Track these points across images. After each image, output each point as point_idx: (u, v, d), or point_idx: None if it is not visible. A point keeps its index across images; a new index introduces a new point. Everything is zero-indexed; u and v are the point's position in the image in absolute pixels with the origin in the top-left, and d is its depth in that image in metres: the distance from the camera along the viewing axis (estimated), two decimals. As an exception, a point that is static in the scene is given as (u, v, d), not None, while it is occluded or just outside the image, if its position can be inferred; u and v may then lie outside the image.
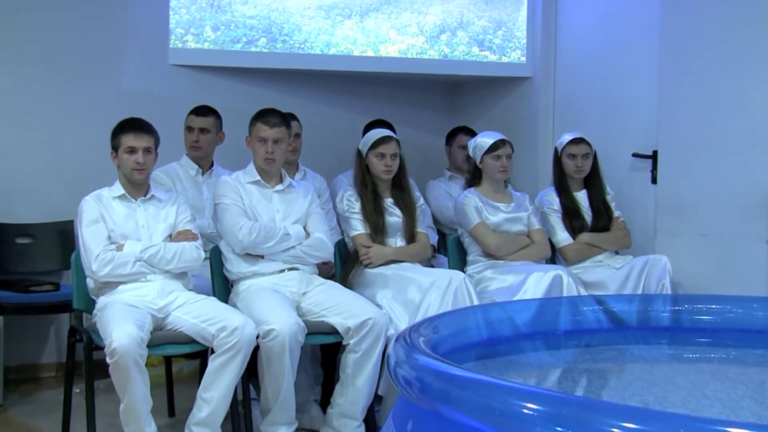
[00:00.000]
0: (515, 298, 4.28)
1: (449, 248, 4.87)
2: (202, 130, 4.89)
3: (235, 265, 4.26)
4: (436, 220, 5.48)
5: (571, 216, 4.91)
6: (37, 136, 5.30)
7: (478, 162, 4.78)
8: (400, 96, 6.24)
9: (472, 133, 5.43)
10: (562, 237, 4.89)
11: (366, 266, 4.52)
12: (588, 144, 4.91)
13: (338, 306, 4.15)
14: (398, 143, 4.60)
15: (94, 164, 5.10)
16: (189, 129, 4.91)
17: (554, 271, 4.35)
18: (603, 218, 4.95)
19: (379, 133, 4.63)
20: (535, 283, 4.32)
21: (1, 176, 5.22)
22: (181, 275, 4.11)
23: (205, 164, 4.96)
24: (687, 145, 4.83)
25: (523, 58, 6.00)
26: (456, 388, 2.63)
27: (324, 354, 4.68)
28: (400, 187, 4.65)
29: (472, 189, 4.79)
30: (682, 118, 4.84)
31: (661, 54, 4.96)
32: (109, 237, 4.01)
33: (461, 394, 2.60)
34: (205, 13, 5.53)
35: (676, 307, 4.02)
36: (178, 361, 5.05)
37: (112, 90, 5.41)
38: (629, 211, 5.09)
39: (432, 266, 4.86)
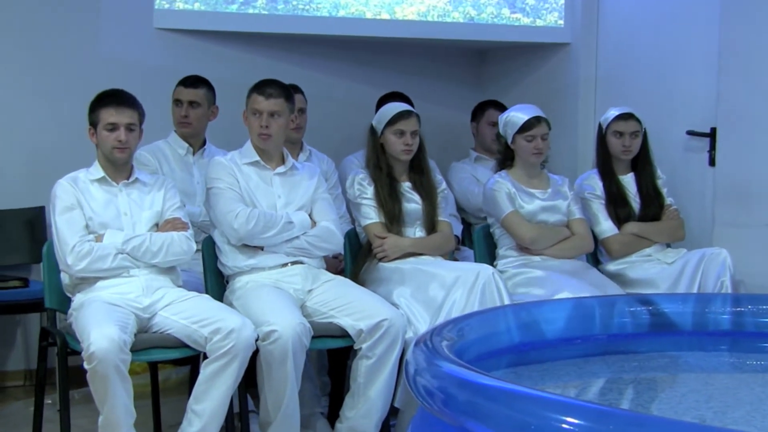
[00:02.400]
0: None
1: (475, 239, 4.87)
2: (192, 104, 4.90)
3: (230, 259, 4.27)
4: (460, 208, 5.48)
5: (616, 203, 4.90)
6: (3, 113, 5.30)
7: (509, 141, 4.77)
8: (418, 65, 6.23)
9: (502, 108, 5.41)
10: (606, 227, 4.88)
11: (380, 260, 4.52)
12: (637, 120, 4.89)
13: (349, 305, 4.15)
14: (419, 119, 4.60)
15: (68, 143, 5.12)
16: (177, 102, 4.92)
17: (584, 296, 4.30)
18: (653, 206, 4.93)
19: (397, 107, 4.63)
20: None
21: (-39, 157, 5.25)
22: (168, 270, 4.12)
23: (195, 143, 4.96)
24: (751, 121, 4.81)
25: (561, 22, 5.97)
26: (485, 400, 2.64)
27: (332, 360, 4.69)
28: (419, 169, 4.65)
29: (503, 173, 4.78)
30: (745, 90, 4.82)
31: (723, 14, 4.93)
32: (87, 226, 4.02)
33: (491, 406, 2.62)
34: (195, -31, 5.54)
35: (738, 309, 4.03)
36: (164, 368, 5.08)
37: (89, 59, 5.41)
38: (683, 198, 5.08)
39: (456, 260, 4.87)
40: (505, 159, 4.84)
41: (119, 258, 3.99)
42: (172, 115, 4.94)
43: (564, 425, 2.42)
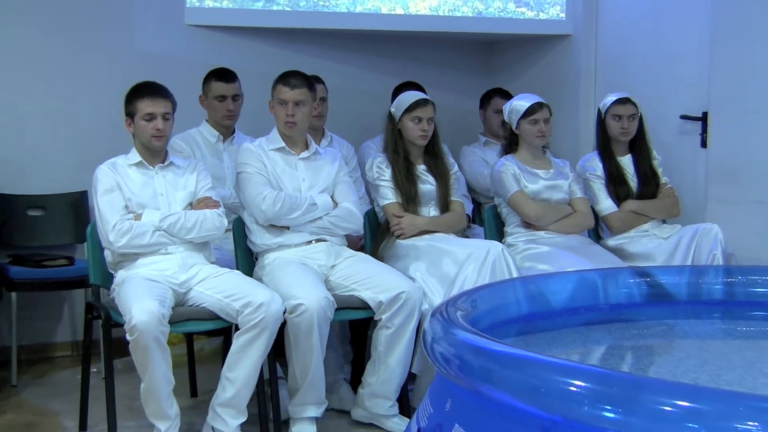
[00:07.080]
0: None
1: (485, 218, 4.87)
2: (234, 97, 4.89)
3: (259, 237, 4.27)
4: (471, 189, 5.47)
5: (615, 182, 4.89)
6: (47, 104, 5.32)
7: (514, 127, 4.77)
8: (431, 56, 6.22)
9: (508, 96, 5.40)
10: (606, 205, 4.88)
11: (398, 237, 4.52)
12: (634, 104, 4.89)
13: (369, 279, 4.16)
14: (434, 107, 4.59)
15: (106, 132, 5.13)
16: (221, 98, 4.86)
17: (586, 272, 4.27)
18: (650, 185, 4.93)
19: (414, 95, 4.63)
20: None
21: (10, 146, 5.25)
22: (202, 247, 4.12)
23: (226, 131, 4.96)
24: (740, 106, 4.78)
25: (563, 14, 5.95)
26: (498, 366, 2.64)
27: (354, 331, 4.69)
28: (433, 153, 4.65)
29: (509, 156, 4.79)
30: (735, 75, 4.79)
31: (714, 6, 4.90)
32: (126, 206, 4.03)
33: (503, 371, 2.61)
34: (222, -31, 5.53)
35: (730, 279, 4.01)
36: (199, 339, 5.10)
37: (124, 53, 5.42)
38: (678, 177, 5.06)
39: (467, 237, 4.86)
40: (510, 144, 4.84)
41: (157, 234, 4.00)
42: (212, 110, 4.88)
43: (571, 387, 2.42)
